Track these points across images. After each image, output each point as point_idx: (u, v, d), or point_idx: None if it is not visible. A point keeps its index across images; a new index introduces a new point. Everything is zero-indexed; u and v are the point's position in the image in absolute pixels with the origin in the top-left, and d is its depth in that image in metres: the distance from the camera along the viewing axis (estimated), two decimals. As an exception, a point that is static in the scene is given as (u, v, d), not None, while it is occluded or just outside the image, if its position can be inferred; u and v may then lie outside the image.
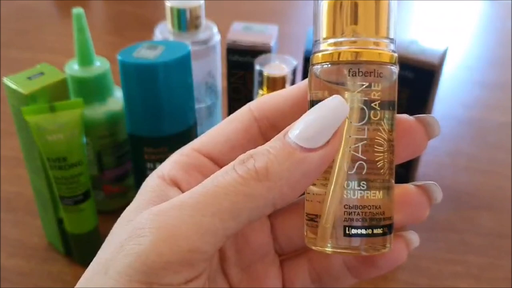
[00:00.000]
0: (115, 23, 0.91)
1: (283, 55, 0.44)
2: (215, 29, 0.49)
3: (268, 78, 0.42)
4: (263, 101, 0.22)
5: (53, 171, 0.39)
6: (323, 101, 0.19)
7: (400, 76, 0.52)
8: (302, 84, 0.22)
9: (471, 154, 0.60)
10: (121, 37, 0.84)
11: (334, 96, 0.19)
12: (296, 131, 0.18)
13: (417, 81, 0.46)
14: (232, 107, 0.52)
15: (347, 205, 0.19)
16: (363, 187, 0.19)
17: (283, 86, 0.42)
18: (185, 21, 0.47)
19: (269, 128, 0.22)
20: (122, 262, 0.18)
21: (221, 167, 0.19)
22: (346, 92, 0.19)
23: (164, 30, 0.48)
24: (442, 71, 0.49)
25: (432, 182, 0.22)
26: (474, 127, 0.65)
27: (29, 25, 0.87)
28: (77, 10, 0.41)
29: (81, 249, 0.44)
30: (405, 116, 0.21)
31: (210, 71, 0.50)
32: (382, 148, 0.19)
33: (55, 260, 0.45)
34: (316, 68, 0.20)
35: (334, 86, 0.19)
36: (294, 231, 0.24)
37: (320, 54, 0.20)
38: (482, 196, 0.54)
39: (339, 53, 0.19)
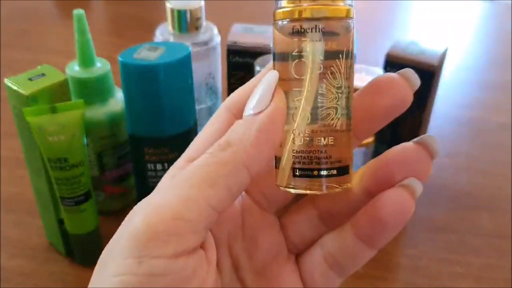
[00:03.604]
0: (116, 24, 0.91)
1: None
2: (215, 30, 0.50)
3: (268, 79, 0.42)
4: (235, 96, 0.24)
5: (54, 171, 0.39)
6: (261, 80, 0.22)
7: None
8: (266, 69, 0.23)
9: (470, 155, 0.60)
10: (122, 38, 0.84)
11: (268, 72, 0.22)
12: (247, 111, 0.21)
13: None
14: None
15: (294, 149, 0.21)
16: (307, 133, 0.21)
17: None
18: (185, 22, 0.47)
19: None
20: (117, 246, 0.20)
21: None
22: (304, 43, 0.21)
23: (164, 31, 0.49)
24: (442, 72, 0.49)
25: (428, 134, 0.22)
26: (474, 128, 0.65)
27: (30, 26, 0.87)
28: (78, 12, 0.41)
29: (82, 249, 0.44)
30: (388, 73, 0.22)
31: (211, 72, 0.50)
32: (327, 97, 0.21)
33: (56, 261, 0.45)
34: (278, 24, 0.22)
35: (295, 39, 0.21)
36: (305, 225, 0.24)
37: (281, 11, 0.21)
38: (482, 196, 0.54)
39: (300, 10, 0.21)
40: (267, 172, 0.23)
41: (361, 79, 0.43)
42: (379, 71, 0.44)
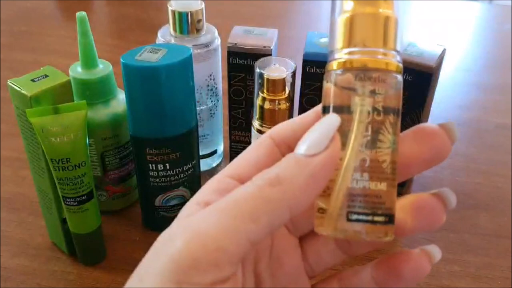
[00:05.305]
0: (118, 26, 0.91)
1: (282, 58, 0.45)
2: (216, 33, 0.50)
3: (268, 80, 0.43)
4: (280, 128, 0.25)
5: (57, 172, 0.40)
6: (320, 119, 0.22)
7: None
8: (313, 110, 0.24)
9: (469, 155, 0.60)
10: (124, 40, 0.84)
11: (328, 114, 0.22)
12: (301, 147, 0.21)
13: (415, 83, 0.47)
14: (233, 109, 0.52)
15: (350, 193, 0.21)
16: (366, 178, 0.21)
17: (283, 88, 0.43)
18: (186, 25, 0.48)
19: (288, 151, 0.24)
20: (156, 265, 0.20)
21: None
22: (355, 95, 0.21)
23: (166, 33, 0.49)
24: (440, 73, 0.49)
25: (446, 188, 0.23)
26: (472, 129, 0.66)
27: (32, 27, 0.87)
28: (81, 14, 0.42)
29: (84, 248, 0.44)
30: (428, 123, 0.23)
31: (211, 73, 0.50)
32: (384, 148, 0.21)
33: (58, 260, 0.46)
34: (330, 74, 0.22)
35: (345, 91, 0.21)
36: (323, 249, 0.26)
37: (334, 62, 0.22)
38: (480, 196, 0.54)
39: (351, 61, 0.21)
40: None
41: None
42: None
